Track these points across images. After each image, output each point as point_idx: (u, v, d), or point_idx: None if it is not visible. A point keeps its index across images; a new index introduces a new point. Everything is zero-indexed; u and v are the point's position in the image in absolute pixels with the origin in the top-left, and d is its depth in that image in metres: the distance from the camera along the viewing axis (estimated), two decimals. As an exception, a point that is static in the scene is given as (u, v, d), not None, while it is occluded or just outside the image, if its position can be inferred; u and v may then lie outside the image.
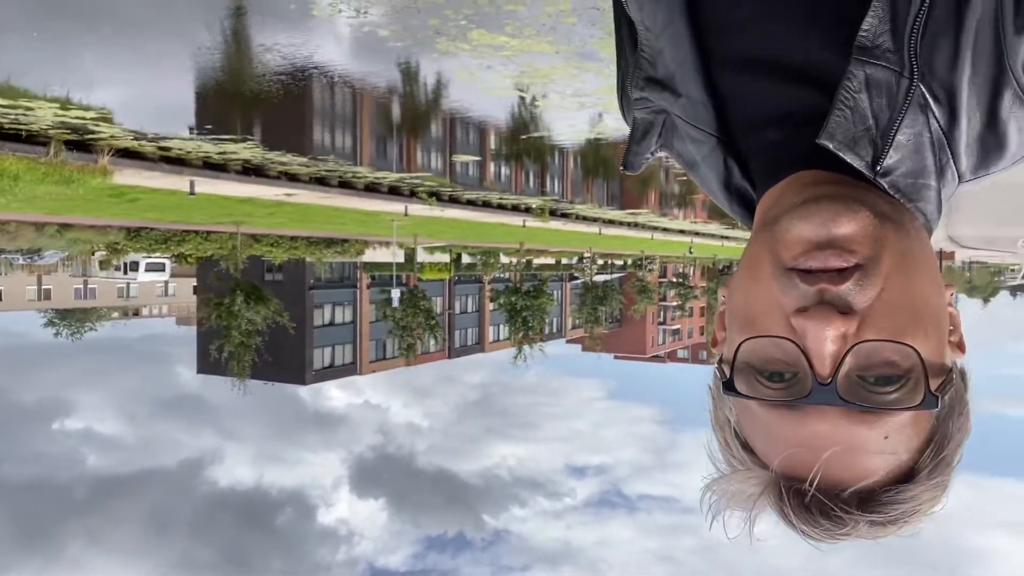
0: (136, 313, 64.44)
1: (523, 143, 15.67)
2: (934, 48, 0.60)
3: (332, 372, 42.48)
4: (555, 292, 53.45)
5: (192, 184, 15.69)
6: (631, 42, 0.78)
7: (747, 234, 0.69)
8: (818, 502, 0.58)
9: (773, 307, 0.59)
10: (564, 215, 31.20)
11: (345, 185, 19.44)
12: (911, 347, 0.56)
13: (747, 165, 0.74)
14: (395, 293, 27.08)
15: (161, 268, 41.69)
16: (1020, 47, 0.60)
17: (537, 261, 53.05)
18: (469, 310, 53.40)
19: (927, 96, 0.62)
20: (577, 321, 57.95)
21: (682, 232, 44.87)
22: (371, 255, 39.93)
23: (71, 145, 12.76)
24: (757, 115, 0.71)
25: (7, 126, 11.77)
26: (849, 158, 0.62)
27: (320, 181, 18.72)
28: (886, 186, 0.63)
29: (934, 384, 0.57)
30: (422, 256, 42.91)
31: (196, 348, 44.32)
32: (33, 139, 12.41)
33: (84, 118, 11.71)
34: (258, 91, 10.11)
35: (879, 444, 0.58)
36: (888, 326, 0.57)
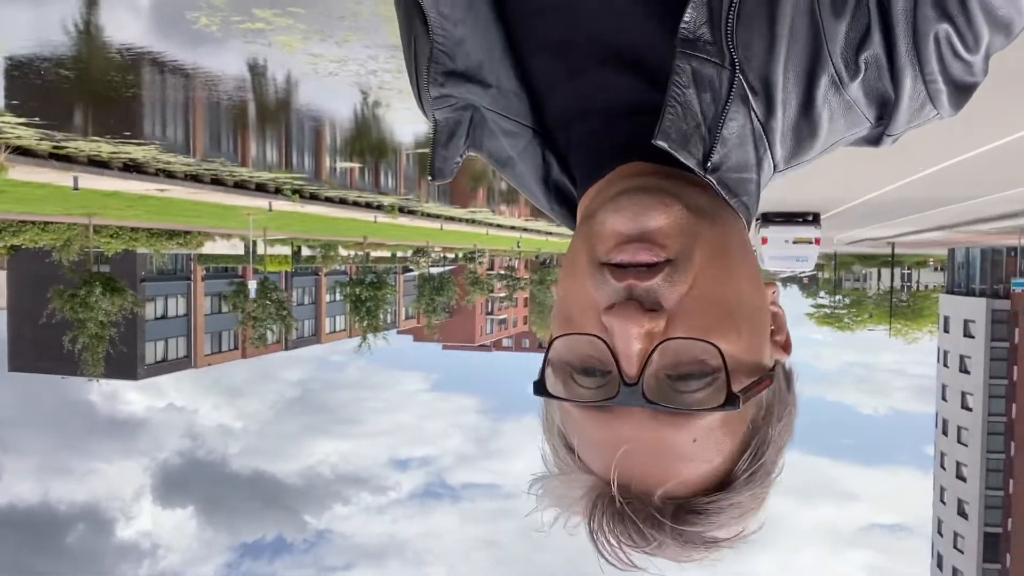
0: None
1: (363, 142, 16.59)
2: (750, 37, 0.59)
3: (166, 366, 41.50)
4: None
5: (76, 179, 16.22)
6: (423, 33, 0.67)
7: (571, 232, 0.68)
8: (631, 509, 0.56)
9: (588, 304, 0.57)
10: (411, 212, 33.36)
11: (217, 182, 20.43)
12: (714, 346, 0.54)
13: (566, 159, 0.72)
14: (252, 284, 27.76)
15: (-36, 259, 38.47)
16: (839, 31, 0.59)
17: (374, 254, 54.48)
18: (306, 302, 53.79)
19: (746, 87, 0.61)
20: (411, 312, 60.06)
21: (512, 228, 48.50)
22: (211, 247, 39.55)
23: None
24: (576, 105, 0.69)
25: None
26: (683, 157, 0.60)
27: (194, 178, 19.62)
28: (715, 182, 0.62)
29: (739, 384, 0.55)
30: (262, 249, 43.00)
31: (6, 344, 41.38)
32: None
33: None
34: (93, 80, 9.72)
35: (688, 448, 0.56)
36: (697, 324, 0.55)
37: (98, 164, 16.49)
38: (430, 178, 0.74)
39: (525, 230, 52.36)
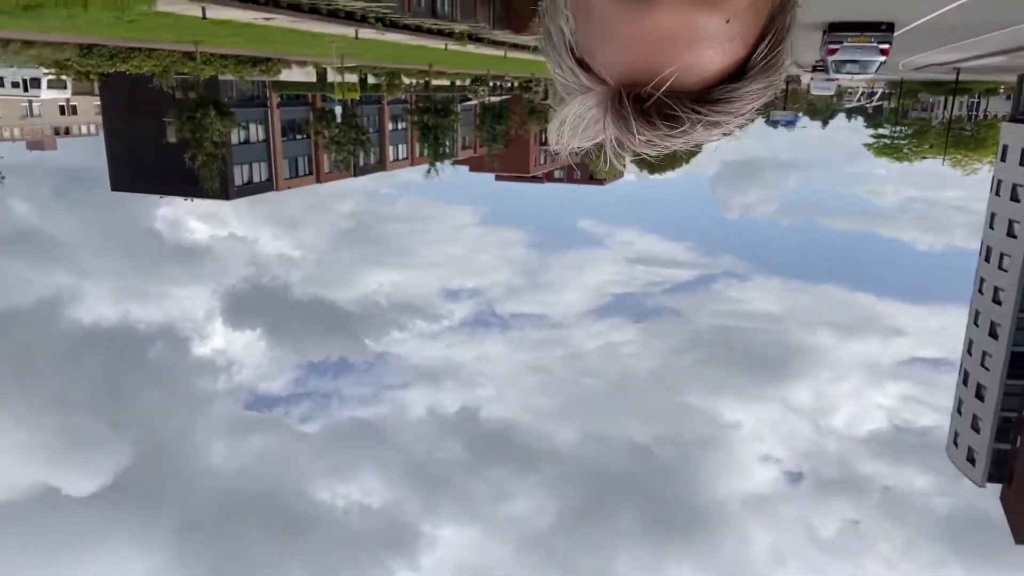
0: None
1: None
2: None
3: (252, 188, 45.12)
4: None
5: (204, 9, 18.50)
6: None
7: None
8: (658, 104, 0.57)
9: None
10: (479, 39, 34.62)
11: (314, 10, 22.41)
12: None
13: None
14: (338, 109, 30.15)
15: (63, 85, 41.42)
16: None
17: (434, 83, 55.69)
18: (370, 131, 56.11)
19: None
20: (468, 140, 61.93)
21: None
22: (286, 75, 41.56)
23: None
24: None
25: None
26: None
27: (295, 7, 21.63)
28: None
29: None
30: (332, 76, 44.73)
31: (107, 166, 45.18)
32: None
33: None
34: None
35: (721, 30, 0.55)
36: None
37: (222, -5, 18.65)
38: None
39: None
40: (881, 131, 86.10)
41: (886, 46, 16.84)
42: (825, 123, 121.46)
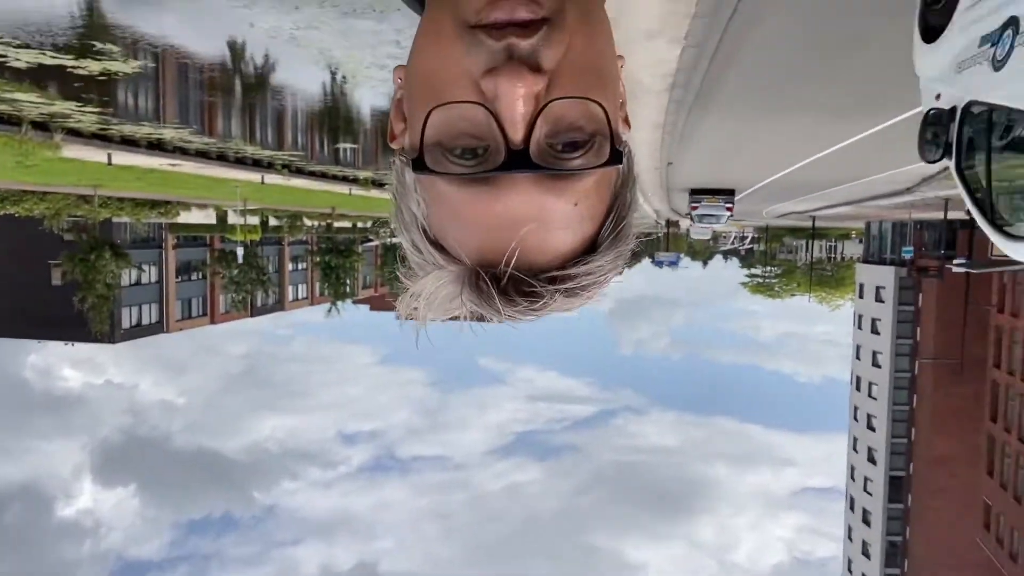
0: None
1: (355, 124, 19.23)
2: None
3: (140, 331, 43.41)
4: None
5: (110, 156, 18.75)
6: None
7: None
8: (515, 281, 0.58)
9: (459, 72, 0.54)
10: (381, 185, 36.25)
11: (221, 157, 23.04)
12: (599, 104, 0.55)
13: None
14: (239, 250, 30.22)
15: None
16: None
17: (337, 224, 56.80)
18: (270, 271, 55.89)
19: None
20: (369, 280, 62.55)
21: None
22: (186, 217, 41.45)
23: (37, 125, 15.76)
24: None
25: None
26: None
27: (203, 154, 22.21)
28: None
29: (616, 141, 0.57)
30: (233, 218, 44.92)
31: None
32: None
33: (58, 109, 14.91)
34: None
35: (569, 213, 0.57)
36: (575, 83, 0.55)
37: (129, 143, 19.03)
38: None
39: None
40: (754, 271, 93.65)
41: (730, 205, 23.87)
42: (705, 264, 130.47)
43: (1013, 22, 3.06)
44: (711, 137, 13.28)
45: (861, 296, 56.48)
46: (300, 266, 55.77)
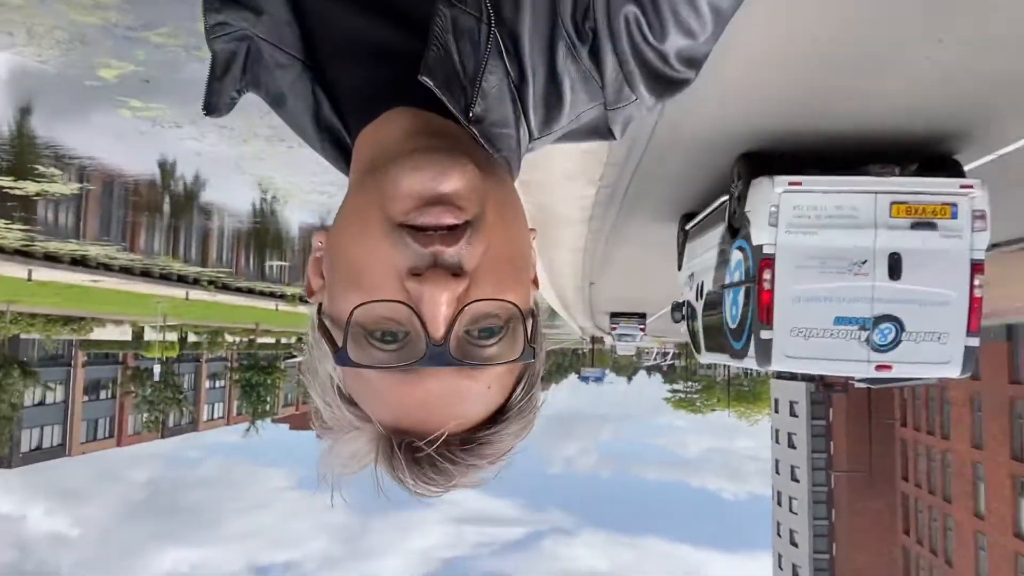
0: None
1: (283, 243, 19.55)
2: None
3: (40, 454, 40.67)
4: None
5: (30, 272, 18.43)
6: None
7: None
8: (428, 456, 0.60)
9: (384, 265, 0.57)
10: (306, 300, 36.27)
11: (145, 273, 22.88)
12: (514, 304, 0.59)
13: (337, 99, 0.71)
14: (156, 368, 29.29)
15: None
16: None
17: (260, 340, 55.72)
18: (186, 389, 53.77)
19: (501, 44, 0.64)
20: (291, 397, 60.84)
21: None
22: (100, 333, 40.05)
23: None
24: (348, 43, 0.68)
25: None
26: (447, 99, 0.62)
27: (126, 270, 22.03)
28: (477, 134, 0.64)
29: (529, 333, 0.60)
30: (150, 335, 43.61)
31: None
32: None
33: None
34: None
35: (483, 394, 0.61)
36: (493, 281, 0.58)
37: (52, 259, 18.81)
38: (204, 112, 0.75)
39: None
40: (675, 386, 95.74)
41: (643, 327, 27.25)
42: (630, 379, 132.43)
43: (692, 276, 8.48)
44: (626, 263, 14.36)
45: (777, 411, 58.49)
46: (218, 383, 53.92)
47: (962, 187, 5.54)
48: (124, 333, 42.16)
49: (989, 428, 28.80)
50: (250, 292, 30.21)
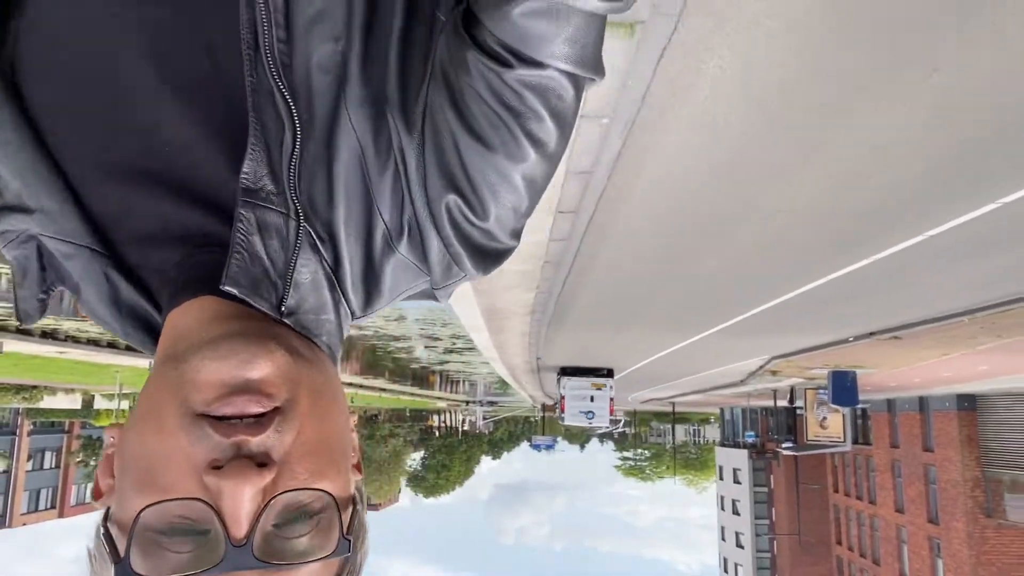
0: None
1: None
2: (312, 190, 0.62)
3: (-23, 526, 39.64)
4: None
5: (1, 345, 19.25)
6: None
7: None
8: None
9: (180, 459, 0.52)
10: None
11: (112, 345, 23.73)
12: (328, 493, 0.54)
13: (143, 281, 0.67)
14: (107, 437, 29.42)
15: None
16: (384, 192, 0.63)
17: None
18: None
19: (314, 236, 0.63)
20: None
21: (350, 384, 51.95)
22: (50, 402, 39.77)
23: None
24: (150, 230, 0.66)
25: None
26: (255, 302, 0.61)
27: (93, 343, 22.88)
28: (292, 324, 0.63)
29: (345, 525, 0.55)
30: (100, 403, 43.32)
31: None
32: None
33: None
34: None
35: None
36: (305, 470, 0.54)
37: (24, 332, 19.67)
38: (18, 321, 0.73)
39: (361, 387, 55.84)
40: (626, 454, 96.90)
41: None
42: (582, 447, 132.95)
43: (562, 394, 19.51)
44: (568, 343, 16.13)
45: (722, 478, 60.18)
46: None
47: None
48: (74, 402, 41.94)
49: (908, 493, 30.87)
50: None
